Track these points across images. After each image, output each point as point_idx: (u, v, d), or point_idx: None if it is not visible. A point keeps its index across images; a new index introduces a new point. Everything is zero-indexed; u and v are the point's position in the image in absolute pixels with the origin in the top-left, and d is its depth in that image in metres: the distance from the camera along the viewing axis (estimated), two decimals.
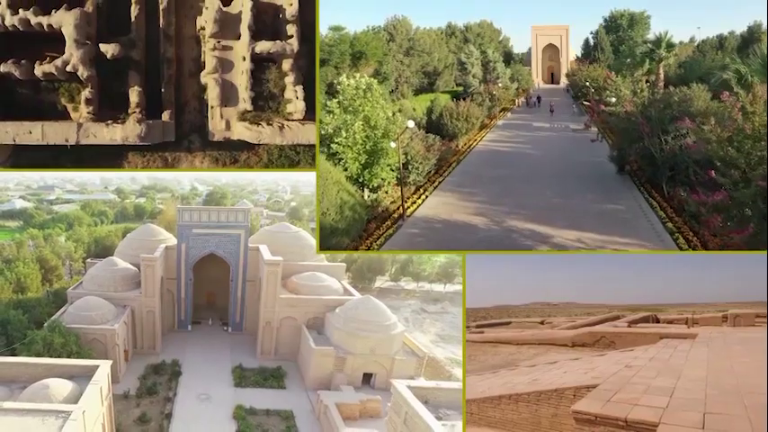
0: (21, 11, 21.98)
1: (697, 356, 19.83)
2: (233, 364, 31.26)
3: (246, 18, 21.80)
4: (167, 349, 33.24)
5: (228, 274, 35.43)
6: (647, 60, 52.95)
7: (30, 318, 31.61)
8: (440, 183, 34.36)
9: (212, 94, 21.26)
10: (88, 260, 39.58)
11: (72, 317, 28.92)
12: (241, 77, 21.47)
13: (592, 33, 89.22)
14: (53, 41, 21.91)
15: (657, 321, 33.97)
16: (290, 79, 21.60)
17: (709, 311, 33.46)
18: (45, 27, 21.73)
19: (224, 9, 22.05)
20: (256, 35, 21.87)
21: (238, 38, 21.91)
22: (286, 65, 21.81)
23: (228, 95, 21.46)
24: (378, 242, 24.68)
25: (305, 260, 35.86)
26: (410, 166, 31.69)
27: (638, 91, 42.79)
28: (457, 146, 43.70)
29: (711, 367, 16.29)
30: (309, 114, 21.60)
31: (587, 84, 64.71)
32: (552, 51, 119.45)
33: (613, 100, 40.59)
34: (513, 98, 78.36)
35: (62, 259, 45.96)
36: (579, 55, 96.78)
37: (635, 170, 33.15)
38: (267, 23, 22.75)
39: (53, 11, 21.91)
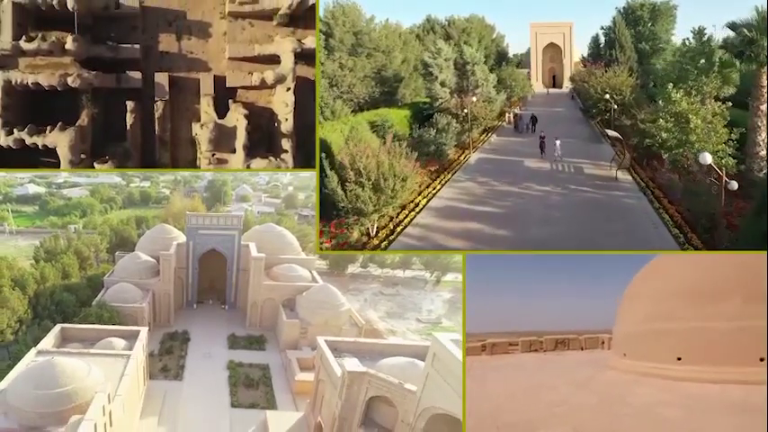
0: (15, 131, 22.87)
1: None
2: (228, 332, 40.89)
3: (241, 137, 22.74)
4: (179, 322, 42.70)
5: (226, 265, 45.73)
6: (723, 64, 33.33)
7: (76, 299, 41.98)
8: None
9: None
10: (117, 253, 51.28)
11: (111, 298, 39.47)
12: None
13: (603, 29, 73.00)
14: (48, 151, 22.79)
15: None
16: None
17: (472, 341, 33.30)
18: (40, 146, 22.59)
19: (219, 122, 23.18)
20: (251, 147, 22.64)
21: (233, 151, 22.89)
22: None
23: None
24: None
25: (284, 254, 46.69)
26: None
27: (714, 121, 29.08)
28: (366, 234, 27.32)
29: (470, 395, 17.36)
30: None
31: (606, 96, 50.83)
32: (554, 51, 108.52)
33: (709, 159, 21.50)
34: (506, 108, 62.32)
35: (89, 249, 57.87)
36: (585, 55, 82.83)
37: None
38: (263, 128, 23.74)
39: (48, 128, 22.81)
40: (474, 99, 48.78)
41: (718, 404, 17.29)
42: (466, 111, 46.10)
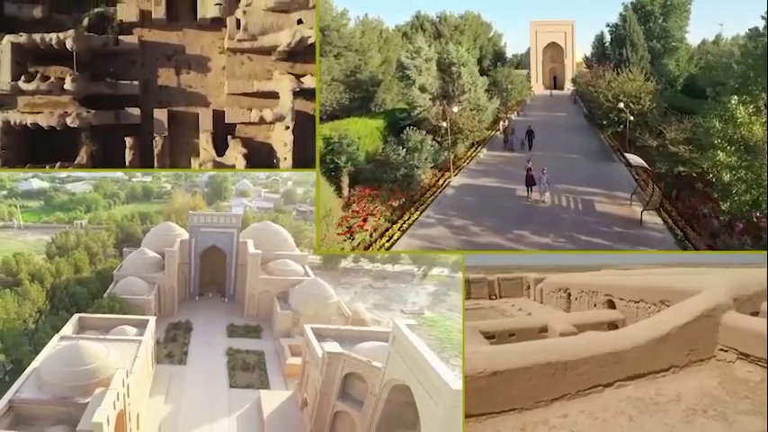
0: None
1: None
2: (227, 322, 43.47)
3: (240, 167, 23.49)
4: (182, 313, 45.47)
5: (225, 260, 49.08)
6: None
7: (87, 291, 45.70)
8: None
9: None
10: (124, 249, 55.47)
11: (120, 290, 42.86)
12: None
13: (609, 26, 67.14)
14: None
15: None
16: None
17: None
18: None
19: (218, 160, 23.63)
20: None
21: None
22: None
23: None
24: None
25: (279, 250, 50.32)
26: None
27: None
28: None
29: None
30: None
31: (620, 104, 44.03)
32: (555, 51, 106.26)
33: None
34: (502, 114, 55.97)
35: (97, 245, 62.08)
36: (588, 55, 77.79)
37: None
38: (262, 164, 24.13)
39: (47, 166, 23.76)
40: (455, 110, 41.59)
41: None
42: (445, 123, 39.32)
